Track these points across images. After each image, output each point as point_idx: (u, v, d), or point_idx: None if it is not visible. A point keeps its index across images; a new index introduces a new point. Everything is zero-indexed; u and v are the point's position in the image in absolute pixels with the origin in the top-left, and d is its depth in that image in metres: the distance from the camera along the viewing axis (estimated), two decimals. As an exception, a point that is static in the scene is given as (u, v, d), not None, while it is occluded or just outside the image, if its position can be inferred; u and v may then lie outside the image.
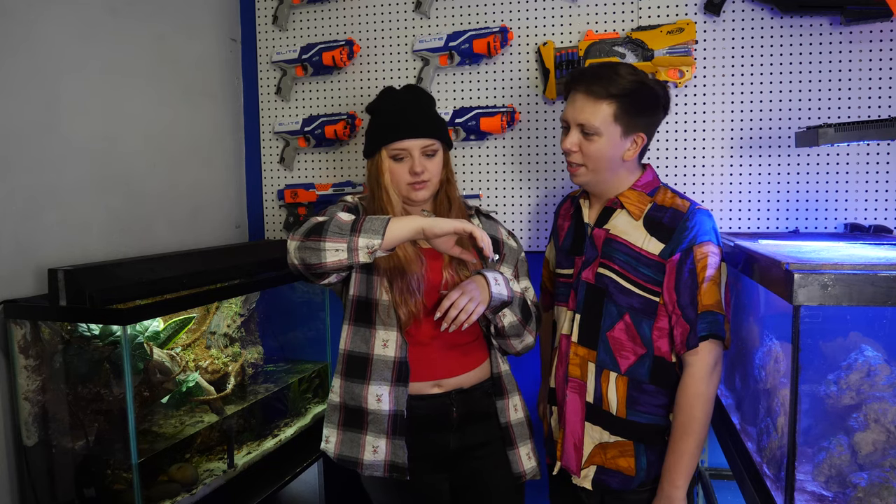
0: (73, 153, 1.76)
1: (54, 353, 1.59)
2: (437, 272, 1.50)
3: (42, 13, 1.68)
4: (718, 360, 1.39)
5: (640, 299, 1.42)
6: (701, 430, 1.38)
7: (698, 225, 1.40)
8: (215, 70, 2.35)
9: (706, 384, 1.38)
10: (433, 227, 1.27)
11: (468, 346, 1.54)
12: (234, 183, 2.46)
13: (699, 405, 1.38)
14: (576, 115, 1.41)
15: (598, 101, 1.38)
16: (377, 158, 1.49)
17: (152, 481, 1.67)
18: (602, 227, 1.47)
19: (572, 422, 1.48)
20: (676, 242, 1.39)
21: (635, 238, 1.43)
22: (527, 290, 1.61)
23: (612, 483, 1.45)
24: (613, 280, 1.43)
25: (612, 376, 1.44)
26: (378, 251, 1.25)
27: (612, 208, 1.47)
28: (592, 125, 1.39)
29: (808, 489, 1.27)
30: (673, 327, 1.40)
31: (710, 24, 2.00)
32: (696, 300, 1.37)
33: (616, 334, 1.44)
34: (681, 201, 1.44)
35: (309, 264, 1.27)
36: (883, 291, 1.08)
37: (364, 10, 2.28)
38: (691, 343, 1.37)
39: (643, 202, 1.45)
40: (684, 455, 1.38)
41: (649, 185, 1.47)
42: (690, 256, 1.38)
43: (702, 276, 1.37)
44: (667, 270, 1.40)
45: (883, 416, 1.25)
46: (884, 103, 1.90)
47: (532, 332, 1.55)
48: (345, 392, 1.49)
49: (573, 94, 1.43)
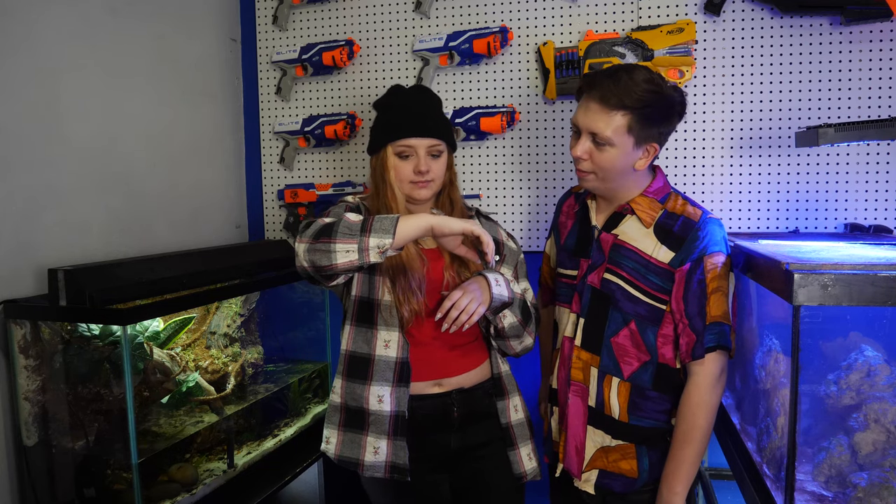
0: (73, 153, 1.76)
1: (54, 353, 1.59)
2: (439, 272, 1.50)
3: (42, 13, 1.68)
4: (723, 370, 1.39)
5: (647, 307, 1.40)
6: (702, 439, 1.37)
7: (709, 235, 1.38)
8: (215, 70, 2.35)
9: (710, 394, 1.37)
10: (442, 225, 1.27)
11: (468, 346, 1.54)
12: (234, 183, 2.46)
13: (702, 414, 1.37)
14: (588, 124, 1.37)
15: (613, 112, 1.33)
16: (382, 155, 1.49)
17: (152, 481, 1.67)
18: (610, 232, 1.45)
19: (574, 425, 1.48)
20: (687, 252, 1.38)
21: (645, 246, 1.41)
22: (526, 291, 1.61)
23: (615, 486, 1.45)
24: (621, 287, 1.42)
25: (614, 382, 1.43)
26: (389, 250, 1.25)
27: (623, 214, 1.45)
28: (605, 136, 1.35)
29: (808, 489, 1.27)
30: (679, 335, 1.39)
31: (710, 24, 2.00)
32: (704, 311, 1.36)
33: (620, 341, 1.42)
34: (692, 209, 1.42)
35: (319, 266, 1.27)
36: (883, 291, 1.08)
37: (364, 10, 2.28)
38: (697, 353, 1.36)
39: (654, 209, 1.43)
40: (684, 463, 1.37)
41: (660, 191, 1.45)
42: (701, 267, 1.36)
43: (711, 287, 1.36)
44: (676, 279, 1.38)
45: (883, 416, 1.25)
46: (884, 103, 1.90)
47: (531, 333, 1.55)
48: (346, 392, 1.49)
49: (587, 99, 1.38)
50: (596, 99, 1.35)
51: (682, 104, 1.39)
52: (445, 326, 1.38)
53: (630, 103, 1.32)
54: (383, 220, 1.26)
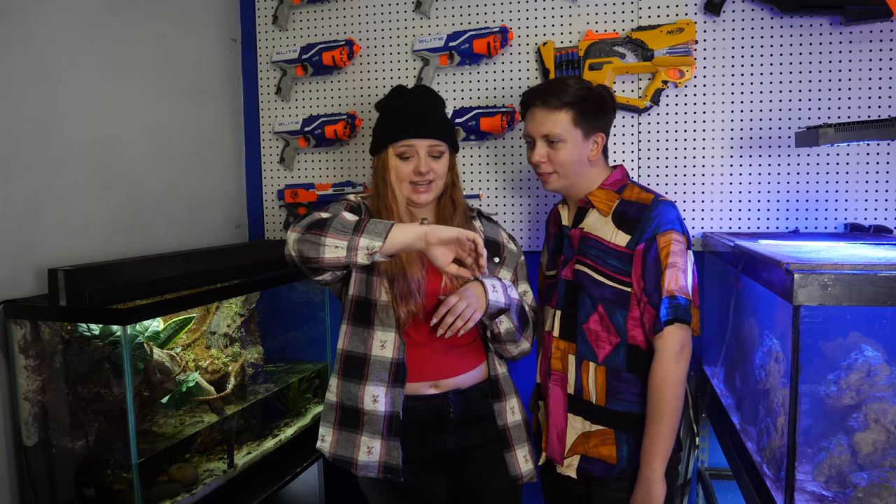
0: (73, 153, 1.76)
1: (54, 353, 1.59)
2: (437, 276, 1.50)
3: (42, 12, 1.68)
4: (686, 343, 1.43)
5: (612, 290, 1.47)
6: (672, 413, 1.42)
7: (661, 215, 1.45)
8: (215, 70, 2.35)
9: (674, 367, 1.41)
10: (436, 231, 1.26)
11: (466, 348, 1.54)
12: (234, 183, 2.46)
13: (668, 388, 1.41)
14: (539, 129, 1.51)
15: (556, 111, 1.48)
16: (383, 155, 1.49)
17: (152, 481, 1.67)
18: (577, 227, 1.55)
19: (555, 413, 1.54)
20: (641, 233, 1.45)
21: (605, 233, 1.49)
22: (525, 293, 1.61)
23: (595, 471, 1.49)
24: (587, 274, 1.50)
25: (591, 367, 1.49)
26: (377, 254, 1.25)
27: (585, 208, 1.55)
28: (556, 133, 1.48)
29: (808, 489, 1.27)
30: (643, 314, 1.46)
31: (710, 24, 2.00)
32: (659, 286, 1.42)
33: (591, 325, 1.49)
34: (646, 195, 1.51)
35: (306, 257, 1.27)
36: (883, 291, 1.09)
37: (364, 10, 2.28)
38: (657, 328, 1.43)
39: (611, 199, 1.52)
40: (658, 437, 1.42)
41: (617, 182, 1.55)
42: (654, 245, 1.43)
43: (665, 263, 1.42)
44: (633, 260, 1.45)
45: (883, 416, 1.26)
46: (884, 103, 1.90)
47: (528, 338, 1.57)
48: (341, 392, 1.49)
49: (531, 110, 1.53)
50: (539, 105, 1.51)
51: (612, 98, 1.55)
52: (441, 332, 1.38)
53: (568, 99, 1.48)
54: (378, 223, 1.26)
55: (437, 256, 1.28)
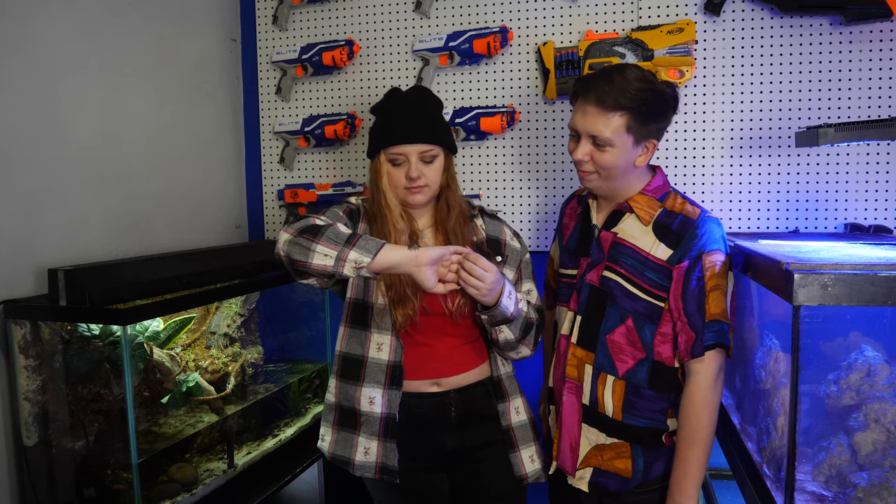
0: (73, 153, 1.76)
1: (54, 353, 1.59)
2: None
3: (42, 13, 1.68)
4: (722, 368, 1.38)
5: (645, 304, 1.40)
6: (708, 439, 1.37)
7: (708, 233, 1.38)
8: (215, 70, 2.35)
9: (711, 393, 1.36)
10: (425, 253, 1.27)
11: (468, 346, 1.54)
12: (234, 183, 2.46)
13: (706, 414, 1.36)
14: (587, 127, 1.38)
15: (611, 113, 1.35)
16: (377, 161, 1.49)
17: (152, 481, 1.67)
18: (610, 231, 1.46)
19: (569, 423, 1.48)
20: (685, 249, 1.38)
21: (643, 243, 1.41)
22: (530, 292, 1.57)
23: (610, 485, 1.44)
24: (619, 284, 1.42)
25: (609, 380, 1.43)
26: (364, 270, 1.26)
27: (622, 212, 1.46)
28: (605, 137, 1.36)
29: (808, 489, 1.27)
30: (678, 334, 1.39)
31: (710, 24, 2.00)
32: (703, 309, 1.35)
33: (616, 338, 1.42)
34: (691, 208, 1.42)
35: (294, 260, 1.28)
36: (883, 291, 1.08)
37: (364, 10, 2.28)
38: (696, 351, 1.35)
39: (653, 207, 1.43)
40: (693, 464, 1.36)
41: (659, 189, 1.46)
42: (699, 265, 1.36)
43: (710, 285, 1.35)
44: (674, 277, 1.38)
45: (883, 416, 1.25)
46: (884, 103, 1.90)
47: (529, 345, 1.51)
48: (339, 392, 1.49)
49: (583, 102, 1.39)
50: (592, 102, 1.36)
51: (674, 98, 1.41)
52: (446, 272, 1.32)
53: (626, 103, 1.33)
54: (370, 240, 1.27)
55: (424, 279, 1.28)
